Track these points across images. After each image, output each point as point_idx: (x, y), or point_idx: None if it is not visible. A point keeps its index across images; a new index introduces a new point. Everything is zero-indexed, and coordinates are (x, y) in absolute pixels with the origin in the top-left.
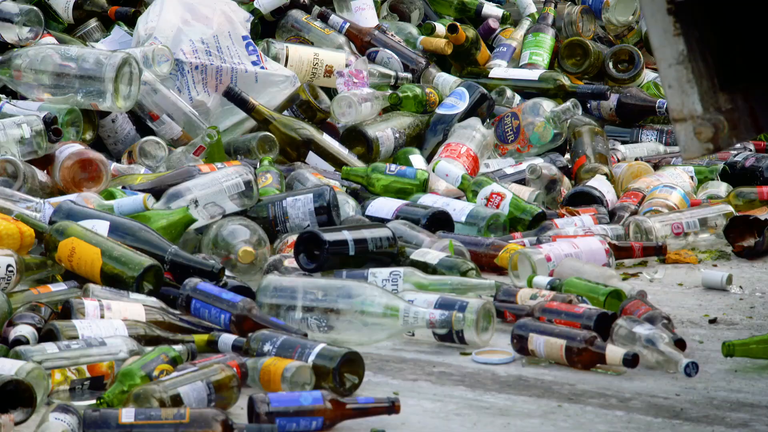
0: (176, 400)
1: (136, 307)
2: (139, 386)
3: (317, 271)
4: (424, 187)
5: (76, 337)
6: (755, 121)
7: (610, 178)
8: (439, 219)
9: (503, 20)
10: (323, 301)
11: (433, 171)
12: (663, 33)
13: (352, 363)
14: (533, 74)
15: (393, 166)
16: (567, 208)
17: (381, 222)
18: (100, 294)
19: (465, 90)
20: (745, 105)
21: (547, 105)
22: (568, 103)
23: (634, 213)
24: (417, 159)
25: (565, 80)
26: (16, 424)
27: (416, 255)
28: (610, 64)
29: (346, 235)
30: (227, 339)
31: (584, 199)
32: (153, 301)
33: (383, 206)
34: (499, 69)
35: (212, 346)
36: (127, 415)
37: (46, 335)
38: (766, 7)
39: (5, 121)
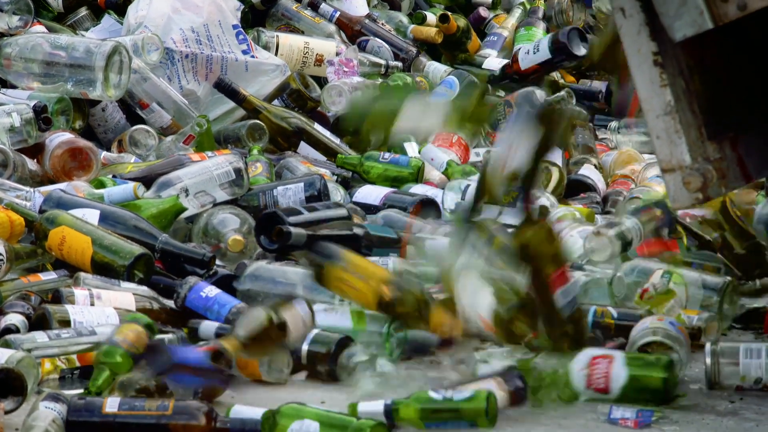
0: (162, 388)
1: (126, 296)
2: (122, 364)
3: (278, 252)
4: (418, 175)
5: (68, 321)
6: (744, 169)
7: (598, 167)
8: (426, 207)
9: (493, 6)
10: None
11: (419, 153)
12: (650, 84)
13: (347, 348)
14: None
15: (387, 155)
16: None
17: (370, 209)
18: (91, 283)
19: (455, 78)
20: (733, 154)
21: (540, 94)
22: (562, 92)
23: None
24: (411, 147)
25: (557, 75)
26: (7, 412)
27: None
28: None
29: (307, 215)
30: (209, 326)
31: (578, 187)
32: (144, 290)
33: (371, 193)
34: (493, 60)
35: (194, 335)
36: (111, 405)
37: (39, 319)
38: (752, 56)
39: None
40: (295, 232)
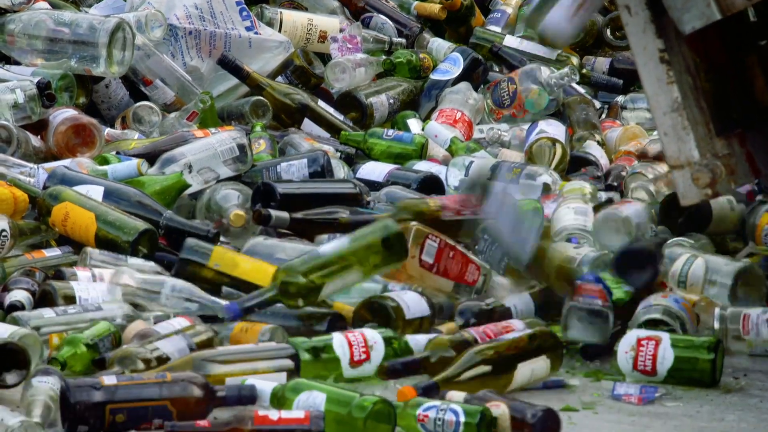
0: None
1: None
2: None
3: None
4: (421, 152)
5: (73, 298)
6: (752, 165)
7: (601, 143)
8: (430, 183)
9: None
10: None
11: (422, 130)
12: (656, 81)
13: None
14: (551, 53)
15: (390, 131)
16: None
17: (373, 185)
18: (98, 258)
19: (459, 55)
20: (741, 150)
21: (544, 71)
22: (567, 69)
23: None
24: (415, 123)
25: (575, 60)
26: (12, 386)
27: None
28: (608, 31)
29: (299, 186)
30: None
31: (581, 164)
32: (150, 265)
33: (374, 170)
34: (512, 39)
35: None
36: (109, 380)
37: (43, 296)
38: (758, 52)
39: None
40: (276, 216)
